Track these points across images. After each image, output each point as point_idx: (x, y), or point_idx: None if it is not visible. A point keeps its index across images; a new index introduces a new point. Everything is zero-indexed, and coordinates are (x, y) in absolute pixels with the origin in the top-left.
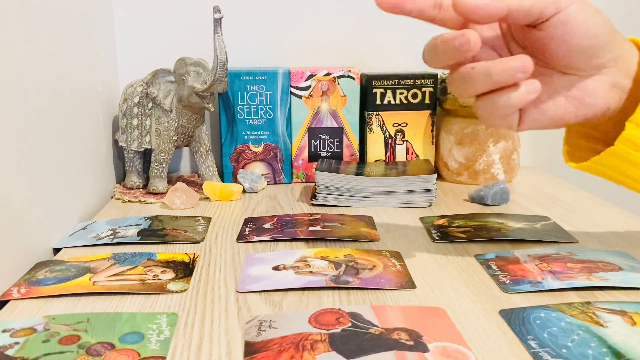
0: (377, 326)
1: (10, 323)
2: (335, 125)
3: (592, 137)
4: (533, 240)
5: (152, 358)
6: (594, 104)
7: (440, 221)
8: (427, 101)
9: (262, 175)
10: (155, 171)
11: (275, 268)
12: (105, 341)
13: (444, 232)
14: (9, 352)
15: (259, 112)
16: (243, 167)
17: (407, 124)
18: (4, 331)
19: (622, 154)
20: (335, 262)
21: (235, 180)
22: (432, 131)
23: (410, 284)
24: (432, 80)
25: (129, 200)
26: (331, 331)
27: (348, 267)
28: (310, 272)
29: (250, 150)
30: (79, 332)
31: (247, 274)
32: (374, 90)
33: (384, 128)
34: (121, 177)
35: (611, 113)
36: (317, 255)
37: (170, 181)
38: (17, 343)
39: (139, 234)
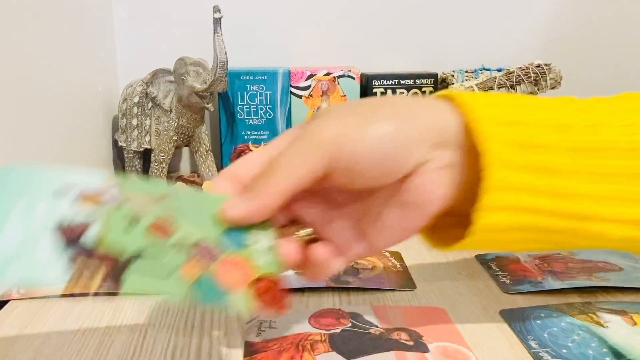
0: (377, 326)
1: (59, 173)
2: None
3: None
4: None
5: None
6: (434, 197)
7: None
8: None
9: None
10: (155, 171)
11: None
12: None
13: None
14: (87, 239)
15: (259, 112)
16: None
17: None
18: (61, 192)
19: (484, 239)
20: None
21: None
22: None
23: (410, 284)
24: (432, 80)
25: None
26: (331, 331)
27: (348, 267)
28: None
29: (250, 150)
30: (166, 217)
31: None
32: (374, 90)
33: None
34: None
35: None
36: None
37: (170, 181)
38: (91, 221)
39: None
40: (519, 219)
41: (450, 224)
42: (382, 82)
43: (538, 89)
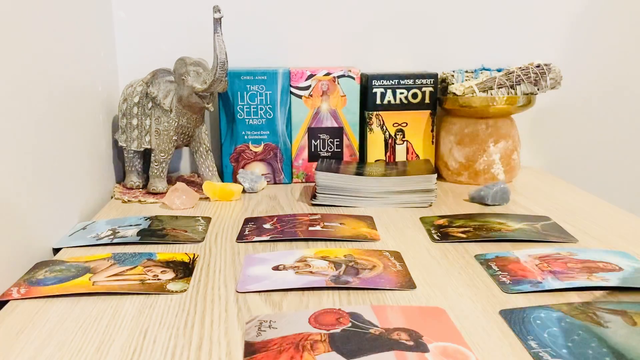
0: (377, 326)
1: None
2: (335, 125)
3: None
4: (533, 240)
5: None
6: None
7: (441, 221)
8: (427, 101)
9: (262, 175)
10: (155, 171)
11: (275, 268)
12: None
13: (444, 232)
14: None
15: (259, 112)
16: (243, 167)
17: (407, 124)
18: None
19: None
20: (335, 262)
21: (235, 180)
22: (432, 131)
23: (410, 284)
24: (432, 80)
25: (128, 200)
26: (331, 331)
27: (348, 267)
28: (310, 272)
29: (250, 150)
30: None
31: (247, 274)
32: (374, 90)
33: (384, 128)
34: (121, 177)
35: None
36: (317, 255)
37: (170, 181)
38: None
39: (138, 234)
40: None
41: None
42: (382, 82)
43: (538, 89)
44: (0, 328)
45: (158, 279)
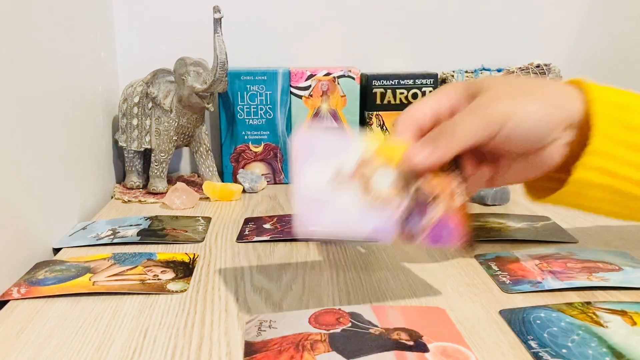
0: (377, 326)
1: None
2: (335, 125)
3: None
4: (533, 240)
5: None
6: (552, 163)
7: None
8: None
9: (262, 175)
10: (155, 171)
11: (335, 175)
12: None
13: None
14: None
15: (259, 112)
16: (243, 167)
17: None
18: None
19: (576, 192)
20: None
21: (235, 180)
22: None
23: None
24: (432, 80)
25: (129, 200)
26: (331, 331)
27: (412, 200)
28: (373, 199)
29: (250, 150)
30: None
31: (306, 184)
32: (374, 90)
33: (384, 128)
34: (121, 177)
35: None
36: (378, 157)
37: (170, 181)
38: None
39: (139, 234)
40: (606, 180)
41: (550, 184)
42: (382, 82)
43: None
44: (0, 328)
45: (158, 279)
